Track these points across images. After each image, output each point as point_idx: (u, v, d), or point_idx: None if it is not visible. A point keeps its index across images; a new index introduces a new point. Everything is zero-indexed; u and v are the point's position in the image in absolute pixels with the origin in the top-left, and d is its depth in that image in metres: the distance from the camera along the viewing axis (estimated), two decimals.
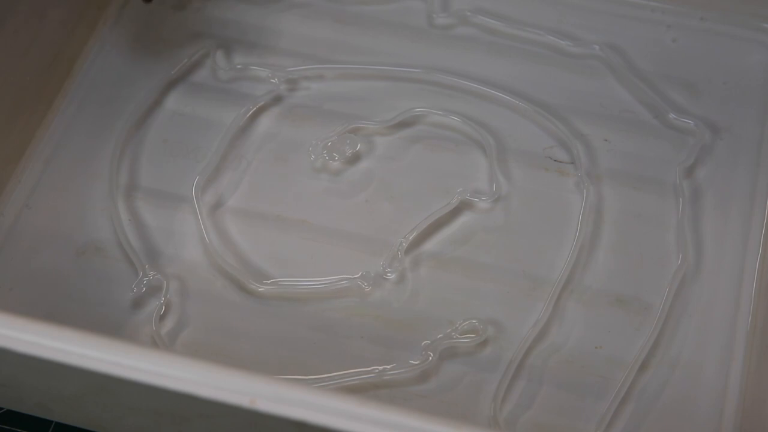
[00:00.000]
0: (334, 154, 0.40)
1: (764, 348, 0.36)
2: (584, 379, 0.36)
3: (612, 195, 0.40)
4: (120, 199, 0.39)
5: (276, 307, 0.37)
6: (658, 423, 0.35)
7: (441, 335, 0.36)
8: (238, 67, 0.42)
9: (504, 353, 0.36)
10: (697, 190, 0.40)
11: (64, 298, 0.37)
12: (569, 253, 0.38)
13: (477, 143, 0.40)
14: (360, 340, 0.36)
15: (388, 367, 0.36)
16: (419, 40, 0.44)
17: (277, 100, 0.42)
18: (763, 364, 0.36)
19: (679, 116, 0.41)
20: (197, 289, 0.37)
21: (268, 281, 0.37)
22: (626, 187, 0.40)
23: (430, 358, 0.36)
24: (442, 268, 0.38)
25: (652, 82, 0.42)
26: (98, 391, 0.29)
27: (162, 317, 0.36)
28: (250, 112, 0.41)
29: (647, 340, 0.36)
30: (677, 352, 0.36)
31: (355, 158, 0.40)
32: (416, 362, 0.36)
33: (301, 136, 0.41)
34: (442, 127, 0.41)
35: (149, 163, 0.41)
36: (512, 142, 0.41)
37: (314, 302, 0.37)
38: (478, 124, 0.41)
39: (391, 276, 0.37)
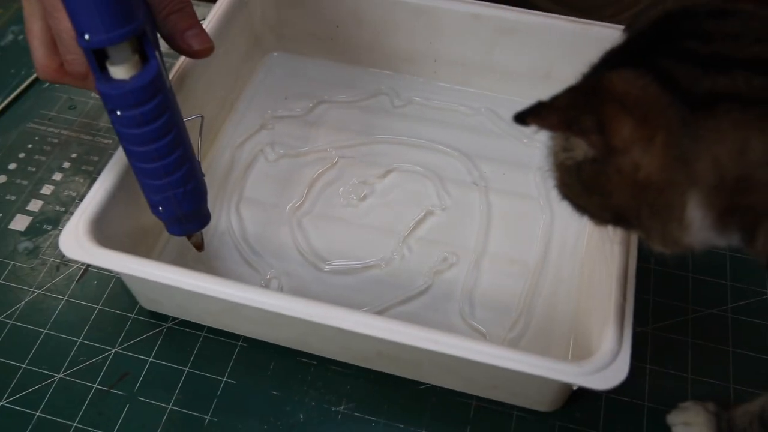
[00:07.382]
0: (352, 196, 0.67)
1: (586, 289, 0.59)
2: (494, 304, 0.61)
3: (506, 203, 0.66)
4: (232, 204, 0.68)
5: (333, 277, 0.62)
6: (533, 336, 0.58)
7: (432, 266, 0.62)
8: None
9: (455, 287, 0.61)
10: None
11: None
12: (476, 234, 0.64)
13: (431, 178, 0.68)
14: (389, 287, 0.61)
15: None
16: (392, 117, 0.72)
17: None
18: (583, 302, 0.58)
19: None
20: (286, 264, 0.64)
21: (328, 262, 0.63)
22: (512, 197, 0.66)
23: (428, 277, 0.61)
24: (424, 246, 0.64)
25: None
26: (231, 311, 0.57)
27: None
28: (318, 172, 0.69)
29: (528, 283, 0.61)
30: (543, 291, 0.61)
31: (366, 196, 0.67)
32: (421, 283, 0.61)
33: (337, 178, 0.69)
34: (412, 172, 0.69)
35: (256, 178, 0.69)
36: (453, 174, 0.68)
37: (354, 273, 0.63)
38: (429, 169, 0.68)
39: (396, 257, 0.64)
